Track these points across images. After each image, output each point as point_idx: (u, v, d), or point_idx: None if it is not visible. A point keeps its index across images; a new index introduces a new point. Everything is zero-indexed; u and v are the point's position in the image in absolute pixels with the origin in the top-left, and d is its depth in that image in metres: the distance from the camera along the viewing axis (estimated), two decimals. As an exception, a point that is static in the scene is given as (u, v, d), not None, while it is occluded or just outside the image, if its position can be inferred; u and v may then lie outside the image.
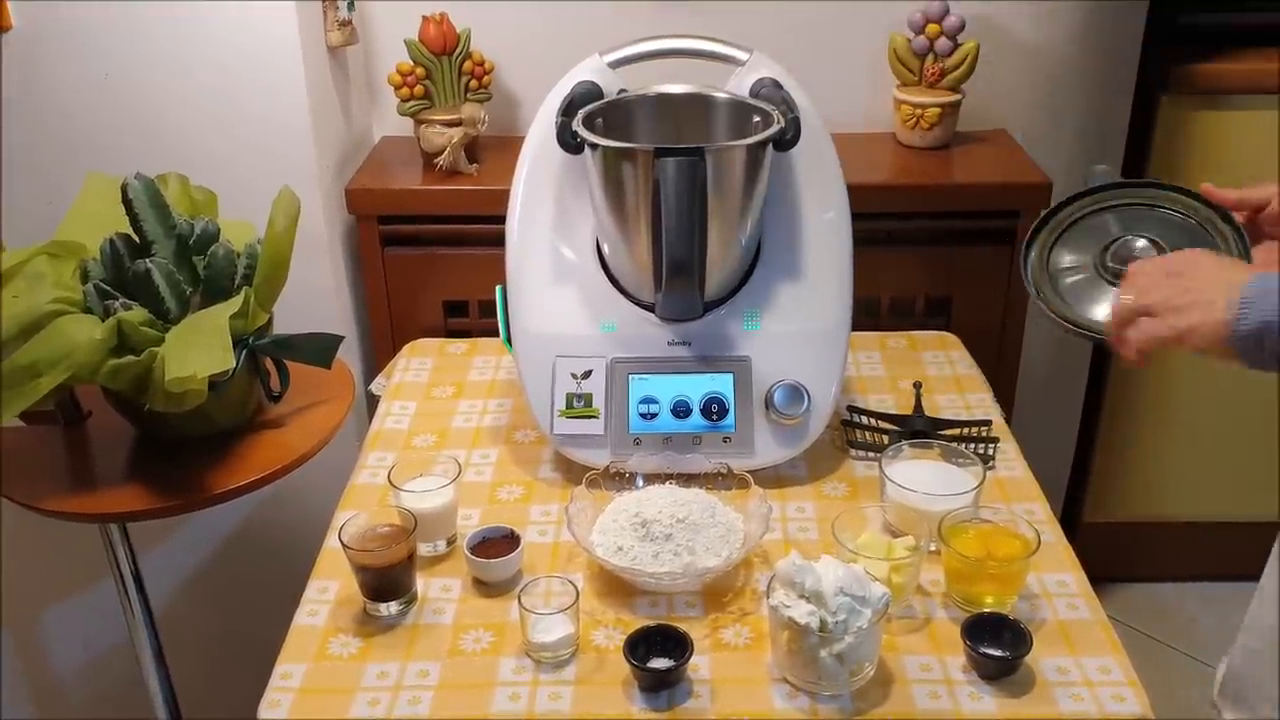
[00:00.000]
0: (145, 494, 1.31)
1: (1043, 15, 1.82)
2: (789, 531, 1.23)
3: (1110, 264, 1.15)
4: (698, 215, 1.18)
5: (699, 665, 1.04)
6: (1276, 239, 1.11)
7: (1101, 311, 1.12)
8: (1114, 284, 1.12)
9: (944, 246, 1.76)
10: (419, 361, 1.58)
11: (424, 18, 1.71)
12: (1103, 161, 1.94)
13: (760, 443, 1.28)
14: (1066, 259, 1.18)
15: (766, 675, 1.04)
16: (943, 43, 1.75)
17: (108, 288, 1.29)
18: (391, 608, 1.12)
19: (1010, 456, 1.34)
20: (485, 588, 1.15)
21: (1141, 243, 1.15)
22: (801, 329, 1.31)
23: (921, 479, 1.18)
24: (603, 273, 1.33)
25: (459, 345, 1.62)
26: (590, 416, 1.28)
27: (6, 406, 1.23)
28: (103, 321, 1.25)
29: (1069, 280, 1.17)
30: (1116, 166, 1.96)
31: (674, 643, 1.04)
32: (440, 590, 1.15)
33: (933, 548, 1.15)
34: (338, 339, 1.41)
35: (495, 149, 1.79)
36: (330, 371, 1.43)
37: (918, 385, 1.41)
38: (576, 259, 1.33)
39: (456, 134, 1.70)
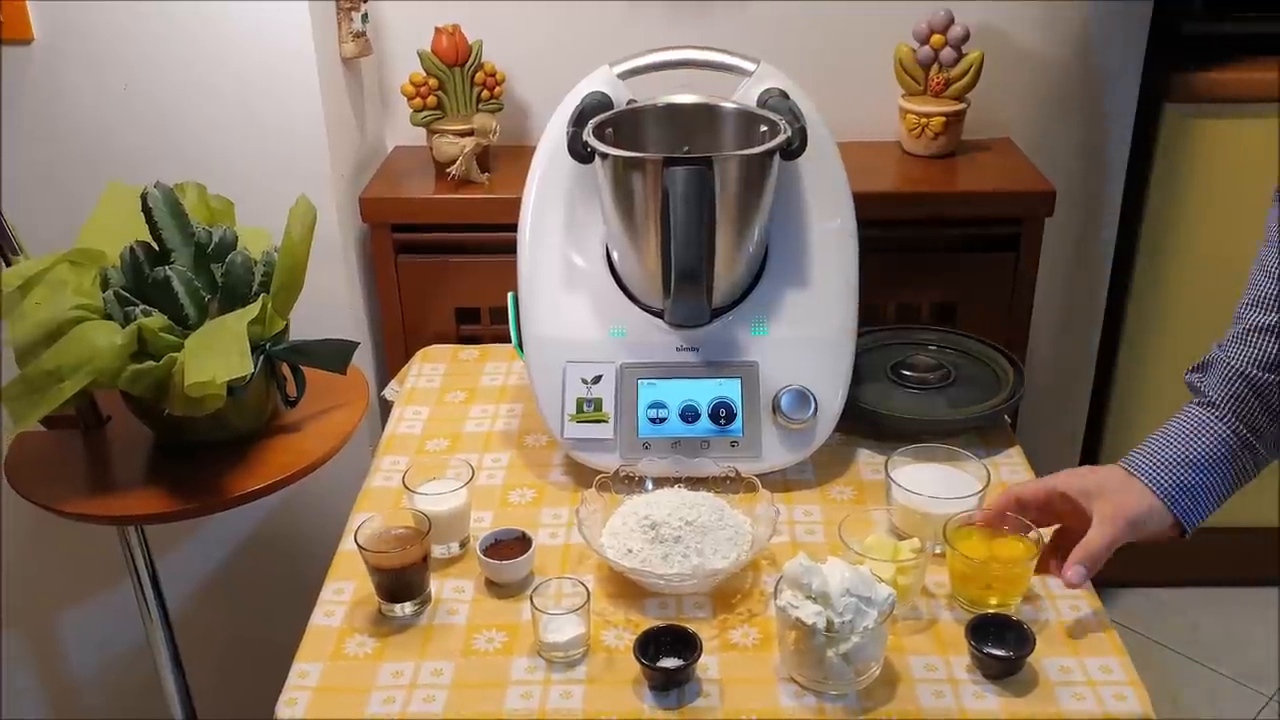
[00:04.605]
0: (163, 497, 1.33)
1: (1046, 25, 1.84)
2: (796, 534, 1.25)
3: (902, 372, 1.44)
4: (706, 223, 1.20)
5: (708, 665, 1.06)
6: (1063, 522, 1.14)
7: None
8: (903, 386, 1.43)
9: (949, 254, 1.78)
10: (431, 367, 1.60)
11: (436, 29, 1.74)
12: (1105, 170, 1.96)
13: (768, 447, 1.30)
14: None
15: (774, 675, 1.06)
16: (947, 53, 1.77)
17: (128, 295, 1.31)
18: (406, 608, 1.14)
19: (1015, 460, 1.36)
20: (498, 589, 1.17)
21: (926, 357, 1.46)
22: (808, 335, 1.33)
23: (926, 482, 1.20)
24: (612, 279, 1.35)
25: (471, 351, 1.64)
26: (600, 421, 1.30)
27: (29, 411, 1.25)
28: (123, 328, 1.27)
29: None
30: (1120, 175, 1.97)
31: (683, 643, 1.05)
32: (453, 591, 1.17)
33: (938, 550, 1.17)
34: (353, 345, 1.43)
35: (506, 158, 1.82)
36: (345, 377, 1.45)
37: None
38: (587, 266, 1.35)
39: (469, 143, 1.72)
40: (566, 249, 1.35)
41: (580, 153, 1.27)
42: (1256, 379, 1.09)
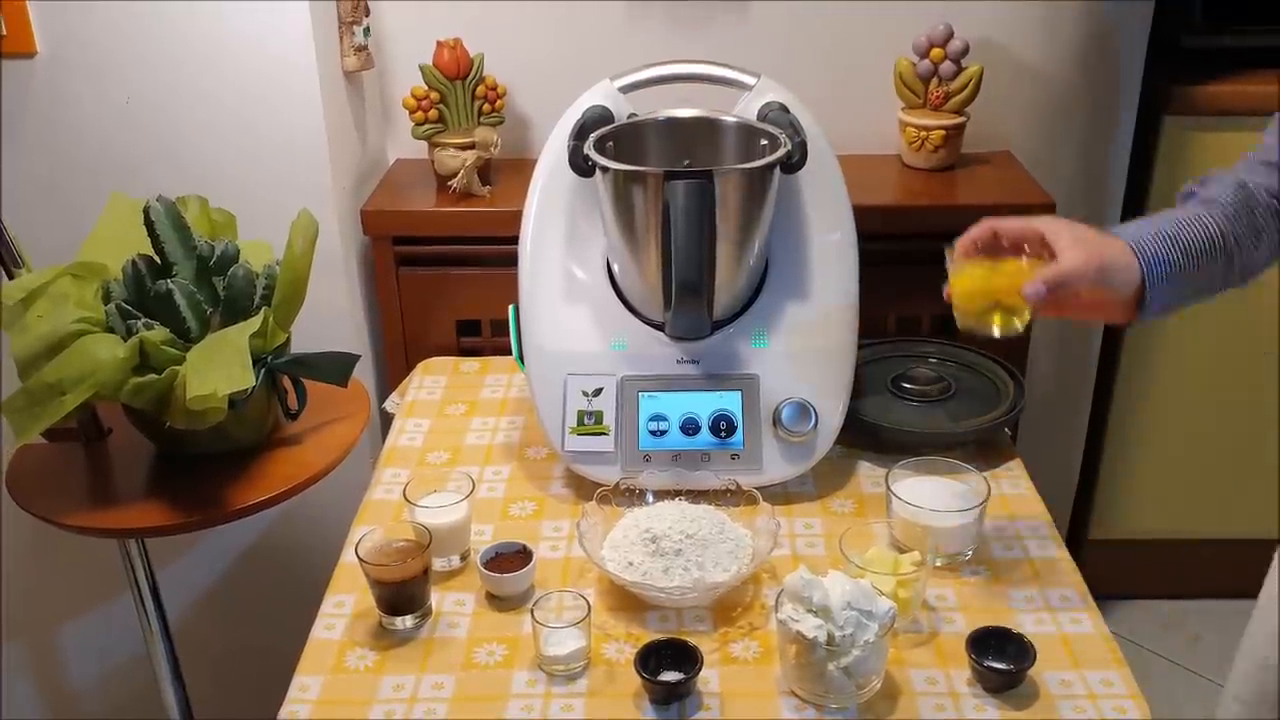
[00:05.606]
0: (164, 510, 1.34)
1: (1045, 38, 1.85)
2: (797, 547, 1.25)
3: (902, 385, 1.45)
4: (706, 236, 1.21)
5: (709, 678, 1.06)
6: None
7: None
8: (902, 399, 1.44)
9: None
10: (432, 380, 1.60)
11: (438, 43, 1.74)
12: (1105, 182, 1.97)
13: (768, 460, 1.30)
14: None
15: (775, 688, 1.06)
16: (947, 66, 1.78)
17: (130, 308, 1.32)
18: (407, 621, 1.14)
19: (1015, 473, 1.36)
20: (498, 602, 1.17)
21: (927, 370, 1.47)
22: (809, 348, 1.33)
23: (927, 495, 1.20)
24: (613, 292, 1.35)
25: (471, 364, 1.65)
26: (601, 433, 1.31)
27: (31, 424, 1.26)
28: (125, 341, 1.28)
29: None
30: (1120, 188, 1.98)
31: (684, 656, 1.05)
32: (454, 604, 1.17)
33: (938, 564, 1.17)
34: (354, 358, 1.44)
35: (508, 171, 1.82)
36: (346, 390, 1.45)
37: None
38: (587, 278, 1.36)
39: (470, 156, 1.73)
40: (567, 262, 1.36)
41: (581, 166, 1.27)
42: (1253, 190, 1.10)
